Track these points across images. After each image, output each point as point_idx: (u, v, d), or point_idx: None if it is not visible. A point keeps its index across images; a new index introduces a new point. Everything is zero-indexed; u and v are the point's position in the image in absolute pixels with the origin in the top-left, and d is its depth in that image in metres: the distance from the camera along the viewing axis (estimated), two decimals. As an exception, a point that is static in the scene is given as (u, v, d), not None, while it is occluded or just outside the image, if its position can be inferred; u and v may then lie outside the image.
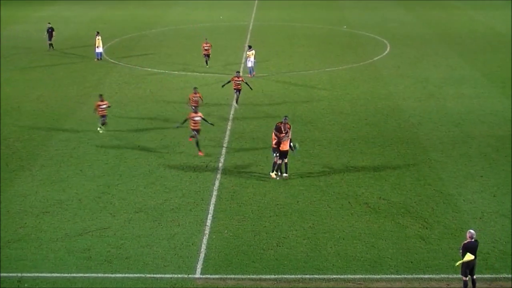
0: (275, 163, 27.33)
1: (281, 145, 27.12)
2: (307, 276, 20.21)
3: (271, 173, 27.42)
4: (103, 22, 61.69)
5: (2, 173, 27.92)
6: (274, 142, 27.27)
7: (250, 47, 44.39)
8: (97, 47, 47.86)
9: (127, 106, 37.15)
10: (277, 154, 27.16)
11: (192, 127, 29.76)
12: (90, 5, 74.01)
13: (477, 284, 19.25)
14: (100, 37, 47.77)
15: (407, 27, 60.82)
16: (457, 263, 19.01)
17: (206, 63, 45.77)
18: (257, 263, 20.88)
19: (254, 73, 43.73)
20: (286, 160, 27.33)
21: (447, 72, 44.49)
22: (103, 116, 32.70)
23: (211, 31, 59.20)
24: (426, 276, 20.17)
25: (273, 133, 27.40)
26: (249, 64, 43.44)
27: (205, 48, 45.32)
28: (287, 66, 46.08)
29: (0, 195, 25.69)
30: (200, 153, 29.78)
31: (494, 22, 62.99)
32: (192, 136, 30.02)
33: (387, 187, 26.52)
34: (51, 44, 51.62)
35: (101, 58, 48.14)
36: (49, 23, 52.92)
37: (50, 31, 51.23)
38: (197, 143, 29.90)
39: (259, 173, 27.83)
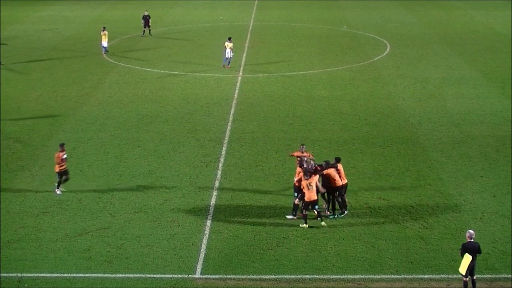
0: (294, 204, 23.83)
1: (306, 195, 22.98)
2: (307, 276, 20.20)
3: (287, 216, 23.81)
4: (103, 22, 61.60)
5: (2, 173, 27.92)
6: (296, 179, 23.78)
7: (229, 38, 45.33)
8: (102, 41, 49.22)
9: (127, 106, 37.14)
10: (297, 195, 23.59)
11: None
12: (90, 5, 73.97)
13: (477, 284, 19.25)
14: (106, 32, 49.09)
15: (407, 27, 60.80)
16: (461, 268, 18.92)
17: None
18: (257, 263, 20.88)
19: (229, 65, 45.08)
20: (316, 210, 23.36)
21: (446, 72, 44.47)
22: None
23: (211, 31, 59.23)
24: (426, 276, 20.17)
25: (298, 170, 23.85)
26: (228, 55, 44.86)
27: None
28: (287, 66, 46.07)
29: (0, 195, 25.68)
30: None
31: (494, 22, 62.96)
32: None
33: (387, 187, 26.52)
34: (144, 31, 56.18)
35: (107, 51, 49.49)
36: (146, 10, 57.30)
37: (147, 18, 55.81)
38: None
39: (259, 173, 27.83)
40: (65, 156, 25.86)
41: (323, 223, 23.19)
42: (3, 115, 35.60)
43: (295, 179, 23.95)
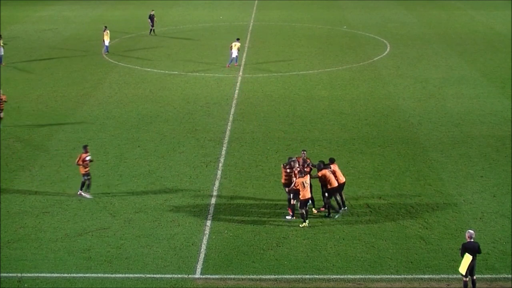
0: (291, 204, 23.77)
1: (301, 193, 22.97)
2: (307, 276, 20.21)
3: (286, 217, 23.71)
4: (103, 22, 61.62)
5: (2, 173, 27.92)
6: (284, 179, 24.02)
7: (238, 39, 46.43)
8: (104, 40, 49.52)
9: (127, 106, 37.14)
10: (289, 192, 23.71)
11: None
12: (90, 5, 73.98)
13: (477, 284, 19.25)
14: (108, 31, 49.53)
15: (407, 27, 60.81)
16: (461, 268, 18.95)
17: None
18: (257, 263, 20.88)
19: (236, 63, 45.61)
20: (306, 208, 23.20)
21: (446, 72, 44.47)
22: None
23: (211, 31, 59.23)
24: (426, 276, 20.17)
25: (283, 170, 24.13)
26: (233, 55, 45.41)
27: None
28: (287, 66, 46.07)
29: (0, 195, 25.68)
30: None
31: (494, 22, 62.97)
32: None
33: (387, 187, 26.52)
34: (152, 30, 57.09)
35: (108, 51, 49.76)
36: (152, 10, 58.42)
37: (153, 18, 56.77)
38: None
39: (259, 173, 27.84)
40: (88, 157, 25.62)
41: (306, 222, 23.16)
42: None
43: (283, 180, 24.13)
